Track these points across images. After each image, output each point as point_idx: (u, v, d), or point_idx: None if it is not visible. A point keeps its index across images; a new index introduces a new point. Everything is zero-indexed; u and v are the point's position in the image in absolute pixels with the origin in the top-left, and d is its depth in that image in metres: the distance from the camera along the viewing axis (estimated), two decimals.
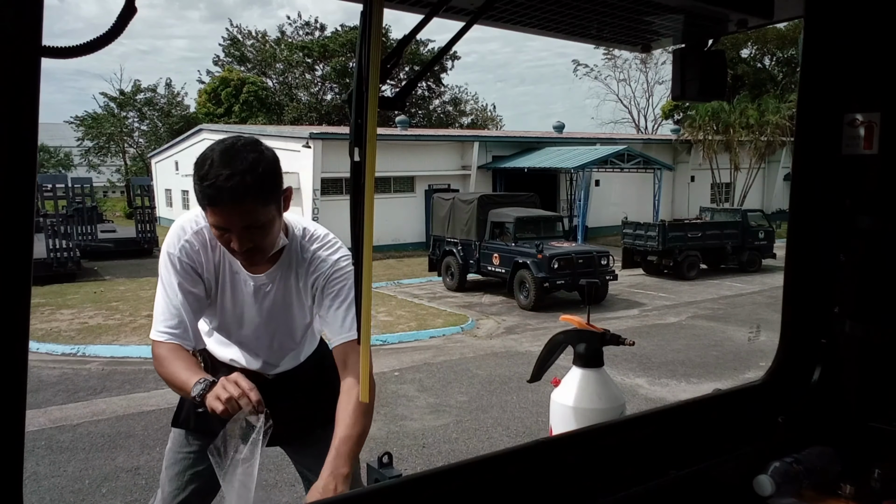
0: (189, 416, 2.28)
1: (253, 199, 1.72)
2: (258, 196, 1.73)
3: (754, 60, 41.55)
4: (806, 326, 1.71)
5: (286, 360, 2.28)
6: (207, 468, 2.33)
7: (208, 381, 1.76)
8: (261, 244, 1.83)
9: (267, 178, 1.73)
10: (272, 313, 2.11)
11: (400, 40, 1.23)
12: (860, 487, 1.54)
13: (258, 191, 1.72)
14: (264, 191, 1.74)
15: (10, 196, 0.64)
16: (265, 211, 1.76)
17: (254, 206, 1.73)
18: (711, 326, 11.21)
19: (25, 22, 0.61)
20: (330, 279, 2.02)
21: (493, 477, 1.35)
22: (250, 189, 1.69)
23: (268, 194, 1.76)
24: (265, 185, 1.73)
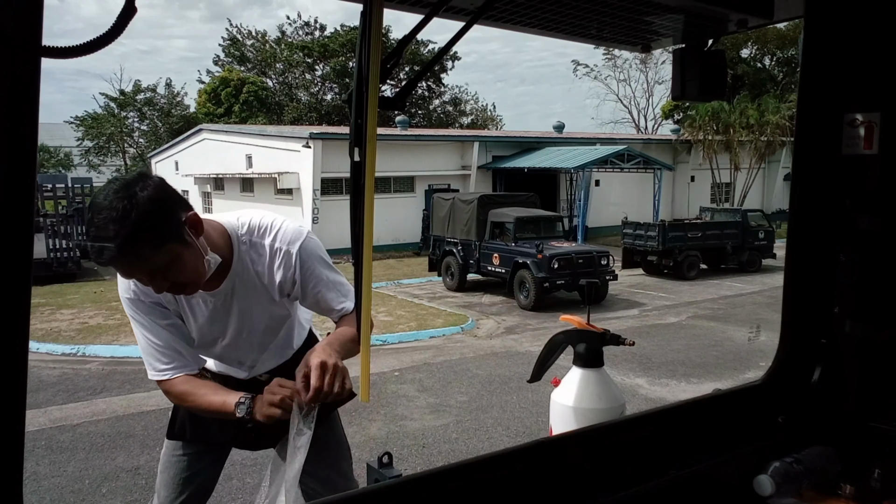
0: (184, 427, 2.27)
1: (134, 250, 1.59)
2: (140, 245, 1.59)
3: (754, 60, 41.55)
4: (806, 326, 1.71)
5: (274, 357, 2.25)
6: (202, 471, 2.33)
7: (249, 398, 1.77)
8: (180, 280, 1.73)
9: (145, 223, 1.57)
10: (243, 321, 2.05)
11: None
12: (860, 487, 1.54)
13: (136, 241, 1.57)
14: (146, 238, 1.59)
15: (10, 196, 0.64)
16: (161, 252, 1.64)
17: (142, 256, 1.61)
18: (711, 326, 11.21)
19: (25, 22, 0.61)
20: (302, 268, 1.98)
21: (493, 477, 1.35)
22: (127, 243, 1.55)
23: (155, 238, 1.61)
24: (145, 232, 1.58)
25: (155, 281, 1.70)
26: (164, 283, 1.71)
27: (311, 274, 2.00)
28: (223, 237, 1.90)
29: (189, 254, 1.71)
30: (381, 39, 1.11)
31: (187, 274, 1.73)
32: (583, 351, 2.34)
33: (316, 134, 20.88)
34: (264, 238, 1.97)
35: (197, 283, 1.80)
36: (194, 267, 1.74)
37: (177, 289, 1.78)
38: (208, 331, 2.04)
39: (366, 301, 1.24)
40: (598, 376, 2.34)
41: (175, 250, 1.67)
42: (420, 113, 44.67)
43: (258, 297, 2.01)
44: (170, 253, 1.66)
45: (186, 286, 1.78)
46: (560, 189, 26.09)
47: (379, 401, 7.22)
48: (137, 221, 1.55)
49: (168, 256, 1.65)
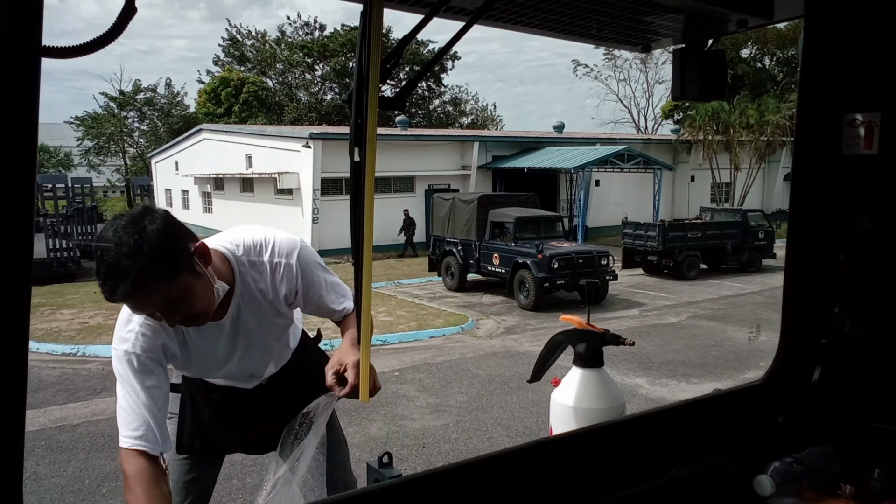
0: (193, 441, 2.26)
1: (149, 285, 1.56)
2: (154, 279, 1.57)
3: (754, 60, 41.55)
4: (806, 326, 1.71)
5: (276, 361, 2.26)
6: (203, 474, 2.32)
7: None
8: (193, 311, 1.71)
9: (158, 255, 1.55)
10: (253, 340, 2.05)
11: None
12: (860, 487, 1.54)
13: (152, 274, 1.55)
14: (160, 271, 1.57)
15: (10, 196, 0.64)
16: (175, 285, 1.62)
17: (156, 289, 1.59)
18: (711, 326, 11.21)
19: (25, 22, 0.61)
20: (304, 277, 1.98)
21: (493, 477, 1.35)
22: (141, 278, 1.53)
23: (167, 270, 1.60)
24: (158, 265, 1.56)
25: (169, 314, 1.68)
26: (178, 315, 1.69)
27: (312, 281, 2.01)
28: (224, 263, 1.89)
29: (200, 284, 1.70)
30: (381, 39, 1.11)
31: (199, 304, 1.72)
32: (583, 351, 2.34)
33: (316, 134, 20.88)
34: (262, 255, 1.95)
35: (208, 314, 1.78)
36: (205, 297, 1.73)
37: (189, 320, 1.75)
38: (218, 356, 2.04)
39: (366, 301, 1.24)
40: (598, 376, 2.34)
41: (187, 282, 1.65)
42: (420, 113, 44.66)
43: (264, 314, 2.01)
44: (182, 284, 1.64)
45: (198, 317, 1.76)
46: (560, 189, 26.09)
47: (379, 401, 7.22)
48: (150, 255, 1.53)
49: (181, 288, 1.64)
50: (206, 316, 1.78)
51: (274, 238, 1.98)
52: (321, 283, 2.04)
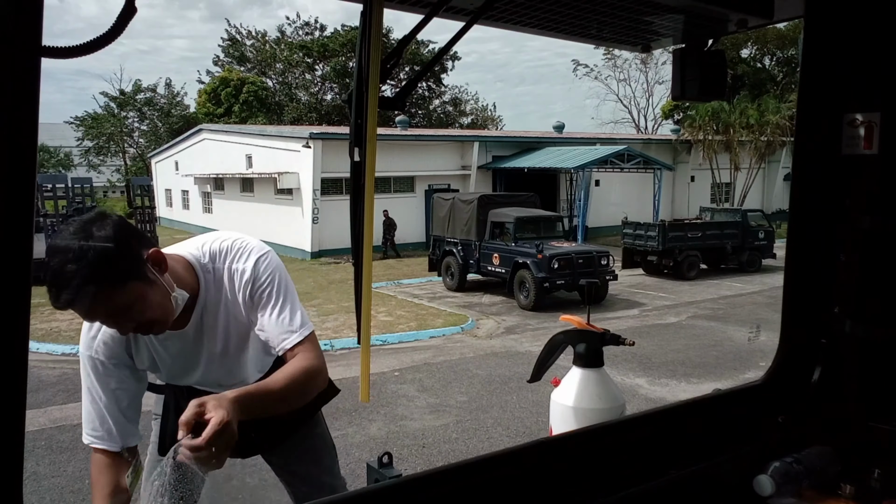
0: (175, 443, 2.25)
1: (95, 292, 1.49)
2: (100, 286, 1.50)
3: (754, 60, 41.55)
4: (806, 326, 1.71)
5: (253, 371, 2.13)
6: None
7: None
8: (145, 319, 1.65)
9: (104, 261, 1.49)
10: (217, 349, 1.97)
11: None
12: (860, 487, 1.54)
13: (97, 281, 1.48)
14: (106, 277, 1.51)
15: (10, 196, 0.64)
16: (123, 292, 1.56)
17: (102, 296, 1.52)
18: (711, 326, 11.21)
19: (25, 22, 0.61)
20: (254, 288, 1.87)
21: (493, 477, 1.35)
22: (85, 284, 1.46)
23: (115, 277, 1.53)
24: (104, 271, 1.49)
25: (119, 322, 1.63)
26: (130, 324, 1.64)
27: (262, 293, 1.87)
28: (188, 270, 1.83)
29: (154, 292, 1.64)
30: (381, 39, 1.11)
31: (153, 312, 1.65)
32: (583, 351, 2.34)
33: (316, 134, 20.88)
34: (225, 261, 1.88)
35: (164, 322, 1.72)
36: (160, 305, 1.67)
37: (143, 328, 1.70)
38: (182, 365, 1.99)
39: (366, 301, 1.24)
40: (598, 376, 2.34)
41: (138, 289, 1.59)
42: (420, 113, 44.66)
43: (229, 322, 1.93)
44: (133, 292, 1.58)
45: (153, 325, 1.70)
46: (560, 189, 26.09)
47: (379, 401, 7.22)
48: (95, 261, 1.47)
49: (131, 296, 1.58)
50: (162, 324, 1.72)
51: (242, 245, 1.91)
52: (274, 303, 1.86)
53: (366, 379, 1.40)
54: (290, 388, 1.70)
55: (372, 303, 1.29)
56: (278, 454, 2.50)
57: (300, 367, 1.75)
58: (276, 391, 1.66)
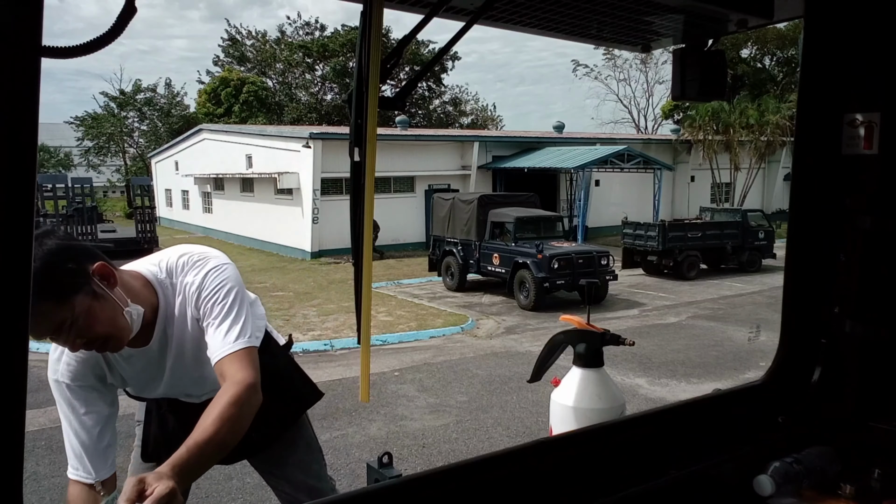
0: (158, 451, 2.22)
1: (36, 307, 1.45)
2: (42, 301, 1.49)
3: (754, 60, 41.55)
4: (806, 326, 1.71)
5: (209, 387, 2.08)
6: None
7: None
8: (93, 335, 1.63)
9: (43, 277, 1.47)
10: (180, 363, 1.94)
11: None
12: (860, 487, 1.54)
13: (39, 296, 1.45)
14: (48, 292, 1.50)
15: (10, 196, 0.64)
16: (66, 307, 1.54)
17: (46, 311, 1.52)
18: (711, 326, 11.21)
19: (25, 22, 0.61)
20: (201, 300, 1.83)
21: (493, 477, 1.35)
22: None
23: (55, 292, 1.52)
24: (44, 286, 1.48)
25: (67, 339, 1.60)
26: (78, 339, 1.61)
27: (207, 306, 1.82)
28: (146, 286, 1.81)
29: (101, 307, 1.61)
30: (381, 39, 1.12)
31: (102, 327, 1.63)
32: (583, 351, 2.34)
33: (316, 134, 20.87)
34: (182, 274, 1.85)
35: (119, 338, 1.69)
36: (111, 320, 1.64)
37: (97, 345, 1.67)
38: (146, 380, 1.98)
39: (366, 301, 1.24)
40: (598, 376, 2.34)
41: (84, 304, 1.57)
42: (420, 113, 44.66)
43: (188, 336, 1.89)
44: (77, 307, 1.56)
45: (108, 341, 1.67)
46: (560, 189, 26.09)
47: (379, 401, 7.22)
48: (34, 276, 1.47)
49: (74, 311, 1.55)
50: (118, 340, 1.69)
51: (195, 259, 1.87)
52: (217, 315, 1.81)
53: (366, 379, 1.40)
54: (223, 428, 1.57)
55: (372, 303, 1.29)
56: (264, 460, 2.46)
57: (226, 400, 1.62)
58: (209, 439, 1.54)
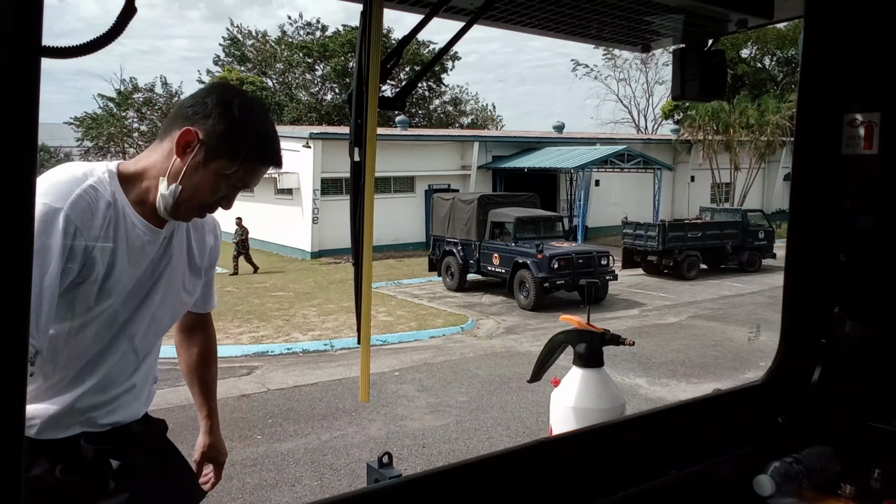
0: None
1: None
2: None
3: (754, 60, 41.55)
4: (806, 326, 1.71)
5: (143, 390, 1.74)
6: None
7: None
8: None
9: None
10: (167, 292, 1.62)
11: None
12: (860, 487, 1.54)
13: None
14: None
15: (10, 196, 0.64)
16: None
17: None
18: (711, 326, 11.21)
19: (25, 22, 0.61)
20: (214, 254, 1.77)
21: (493, 477, 1.35)
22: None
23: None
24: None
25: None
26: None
27: (211, 261, 1.78)
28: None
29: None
30: (381, 39, 1.12)
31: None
32: (583, 351, 2.34)
33: (316, 134, 20.88)
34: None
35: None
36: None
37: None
38: (137, 289, 1.55)
39: (366, 301, 1.24)
40: (598, 376, 2.34)
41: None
42: (420, 113, 44.64)
43: (185, 262, 1.68)
44: None
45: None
46: (560, 189, 26.09)
47: (379, 401, 7.22)
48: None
49: None
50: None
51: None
52: (211, 272, 1.81)
53: (366, 379, 1.40)
54: (215, 362, 2.02)
55: (372, 303, 1.29)
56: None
57: (214, 348, 2.03)
58: (215, 375, 1.98)
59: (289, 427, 6.54)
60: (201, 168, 1.46)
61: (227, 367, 8.87)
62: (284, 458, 5.74)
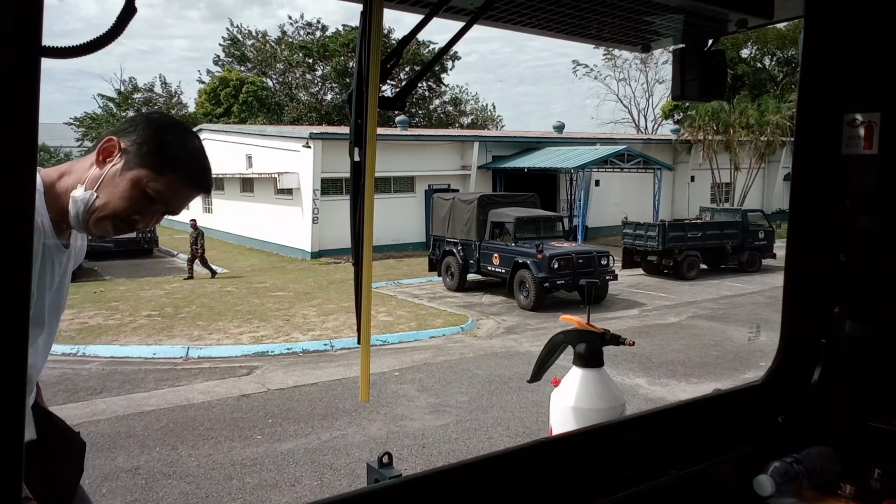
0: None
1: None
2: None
3: (754, 60, 41.56)
4: (806, 326, 1.71)
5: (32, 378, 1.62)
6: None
7: None
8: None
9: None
10: (58, 307, 1.58)
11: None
12: (860, 487, 1.54)
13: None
14: None
15: (10, 196, 0.64)
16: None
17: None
18: (711, 326, 11.21)
19: (25, 22, 0.61)
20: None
21: (493, 477, 1.35)
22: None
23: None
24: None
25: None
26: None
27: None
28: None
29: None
30: (381, 39, 1.12)
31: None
32: (583, 351, 2.35)
33: (316, 134, 20.87)
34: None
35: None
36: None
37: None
38: (56, 300, 1.56)
39: (366, 301, 1.24)
40: (598, 376, 2.34)
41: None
42: (420, 113, 44.65)
43: (66, 286, 1.60)
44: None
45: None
46: (560, 189, 26.09)
47: (379, 401, 7.22)
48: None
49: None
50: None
51: None
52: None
53: (366, 379, 1.40)
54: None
55: (372, 303, 1.29)
56: None
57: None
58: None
59: (289, 427, 6.54)
60: (118, 176, 1.42)
61: (227, 367, 8.87)
62: (284, 458, 5.74)
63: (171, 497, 5.01)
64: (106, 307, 12.66)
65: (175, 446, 5.91)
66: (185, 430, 6.23)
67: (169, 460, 5.65)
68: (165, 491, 5.10)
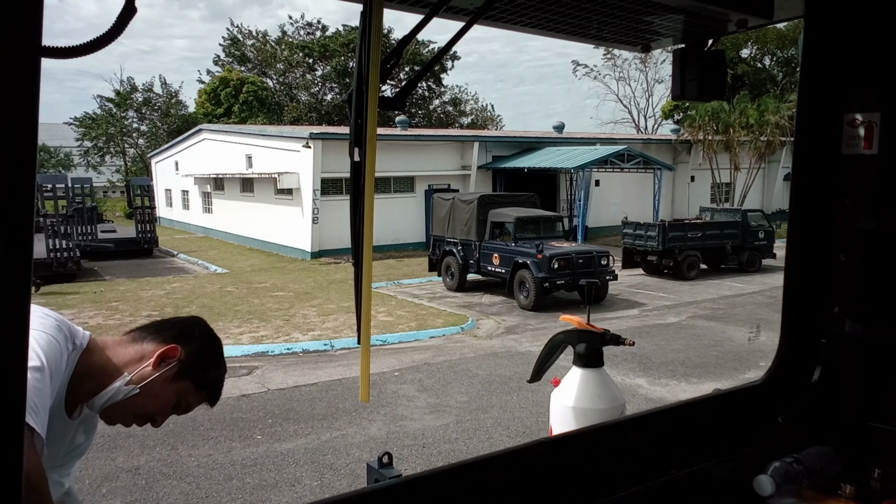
0: None
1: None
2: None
3: (754, 60, 41.55)
4: (806, 326, 1.71)
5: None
6: None
7: None
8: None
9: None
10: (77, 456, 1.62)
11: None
12: (860, 487, 1.54)
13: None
14: None
15: (10, 196, 0.64)
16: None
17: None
18: (711, 326, 11.21)
19: (25, 22, 0.61)
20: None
21: (493, 477, 1.35)
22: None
23: None
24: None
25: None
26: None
27: None
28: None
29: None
30: (381, 39, 1.12)
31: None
32: (583, 351, 2.35)
33: (316, 134, 20.87)
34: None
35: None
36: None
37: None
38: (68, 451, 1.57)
39: (366, 301, 1.24)
40: (598, 376, 2.35)
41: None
42: (420, 113, 44.65)
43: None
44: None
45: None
46: (560, 189, 26.09)
47: (379, 401, 7.22)
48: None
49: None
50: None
51: None
52: None
53: (366, 379, 1.40)
54: None
55: (372, 303, 1.29)
56: None
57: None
58: None
59: (289, 427, 6.54)
60: (168, 383, 1.50)
61: (227, 366, 8.86)
62: (284, 458, 5.74)
63: (171, 497, 5.01)
64: (106, 307, 12.66)
65: (175, 446, 5.91)
66: (185, 430, 6.22)
67: (169, 460, 5.65)
68: (165, 491, 5.10)
